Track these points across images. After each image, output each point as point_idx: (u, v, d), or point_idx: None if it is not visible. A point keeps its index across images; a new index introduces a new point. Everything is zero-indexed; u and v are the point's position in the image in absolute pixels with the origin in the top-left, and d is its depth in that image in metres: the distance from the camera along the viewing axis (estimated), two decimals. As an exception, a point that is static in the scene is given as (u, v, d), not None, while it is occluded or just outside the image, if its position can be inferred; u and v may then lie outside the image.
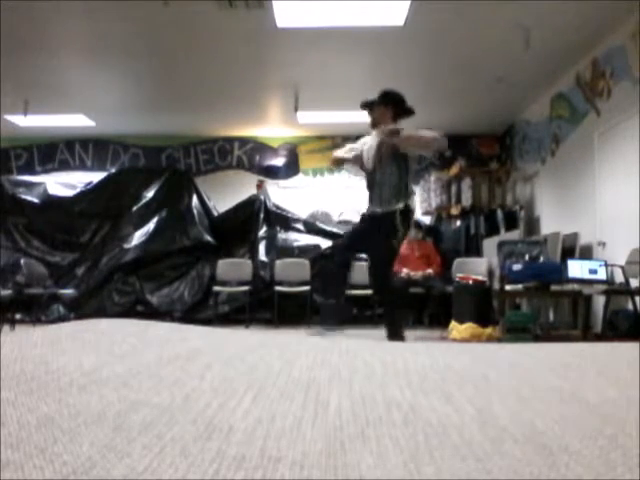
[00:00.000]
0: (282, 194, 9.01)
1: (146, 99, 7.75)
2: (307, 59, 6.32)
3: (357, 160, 4.38)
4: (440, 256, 7.72)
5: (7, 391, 0.57)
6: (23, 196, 8.25)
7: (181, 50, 6.14)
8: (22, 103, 7.50)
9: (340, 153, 4.54)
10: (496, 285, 5.67)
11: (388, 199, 4.08)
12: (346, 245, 4.47)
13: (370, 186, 4.22)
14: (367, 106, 4.30)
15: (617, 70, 5.57)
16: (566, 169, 6.79)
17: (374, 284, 4.39)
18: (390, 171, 4.11)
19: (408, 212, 4.11)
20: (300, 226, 8.33)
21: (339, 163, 4.64)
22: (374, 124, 4.27)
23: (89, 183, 8.52)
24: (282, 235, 8.18)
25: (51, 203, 8.22)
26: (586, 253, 6.05)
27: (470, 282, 5.93)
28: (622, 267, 5.18)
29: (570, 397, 0.63)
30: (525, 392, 0.65)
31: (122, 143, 9.45)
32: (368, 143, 4.31)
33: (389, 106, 4.20)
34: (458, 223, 8.33)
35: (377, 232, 4.08)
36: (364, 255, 4.57)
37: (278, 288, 7.20)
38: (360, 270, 7.73)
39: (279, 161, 9.40)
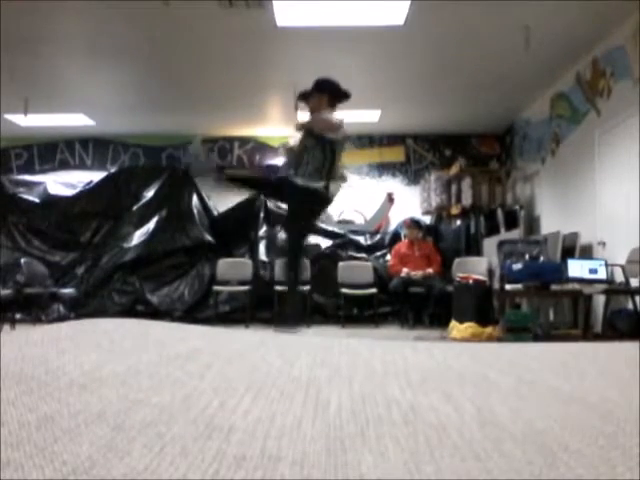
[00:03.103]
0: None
1: (146, 99, 7.75)
2: (307, 59, 6.32)
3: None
4: (440, 255, 7.72)
5: (7, 391, 0.57)
6: (23, 196, 8.26)
7: (181, 50, 6.14)
8: (22, 102, 7.50)
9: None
10: (496, 285, 5.67)
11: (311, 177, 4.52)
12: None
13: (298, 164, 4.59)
14: (304, 97, 4.69)
15: (617, 70, 5.57)
16: (566, 169, 6.79)
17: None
18: (314, 154, 4.54)
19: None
20: (300, 226, 8.33)
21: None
22: (312, 111, 4.65)
23: (89, 182, 8.53)
24: (282, 235, 8.18)
25: (51, 203, 8.23)
26: (586, 252, 6.05)
27: (470, 282, 5.93)
28: (622, 266, 5.19)
29: (570, 397, 0.63)
30: (525, 392, 0.65)
31: (122, 142, 9.45)
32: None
33: (324, 93, 4.56)
34: (458, 223, 8.33)
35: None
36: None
37: (278, 288, 7.19)
38: (361, 270, 7.74)
39: (279, 161, 9.39)
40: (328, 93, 4.55)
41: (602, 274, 5.22)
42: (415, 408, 0.57)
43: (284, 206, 4.90)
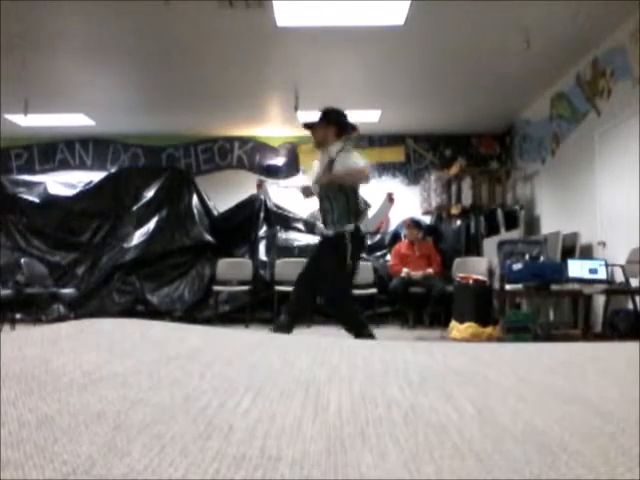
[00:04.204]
0: (282, 194, 9.01)
1: (146, 99, 7.75)
2: (307, 59, 6.32)
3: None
4: (440, 256, 7.72)
5: (7, 390, 0.57)
6: (23, 196, 8.26)
7: (181, 50, 6.14)
8: (22, 102, 7.50)
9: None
10: (496, 285, 5.67)
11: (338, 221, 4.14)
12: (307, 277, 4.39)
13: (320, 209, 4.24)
14: (309, 127, 4.29)
15: (617, 70, 5.57)
16: (566, 169, 6.79)
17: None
18: (336, 196, 4.13)
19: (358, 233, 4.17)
20: (300, 226, 8.33)
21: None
22: (318, 144, 4.26)
23: (89, 182, 8.53)
24: (282, 235, 8.18)
25: (51, 203, 8.23)
26: (586, 252, 6.05)
27: (470, 282, 5.93)
28: (622, 267, 5.19)
29: (570, 396, 0.63)
30: (525, 392, 0.65)
31: (122, 142, 9.45)
32: (315, 166, 4.32)
33: (331, 125, 4.17)
34: (458, 223, 8.33)
35: (329, 251, 4.16)
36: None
37: (278, 288, 7.19)
38: (361, 270, 7.73)
39: (279, 161, 9.39)
40: (335, 124, 4.17)
41: (602, 274, 5.22)
42: (415, 408, 0.57)
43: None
